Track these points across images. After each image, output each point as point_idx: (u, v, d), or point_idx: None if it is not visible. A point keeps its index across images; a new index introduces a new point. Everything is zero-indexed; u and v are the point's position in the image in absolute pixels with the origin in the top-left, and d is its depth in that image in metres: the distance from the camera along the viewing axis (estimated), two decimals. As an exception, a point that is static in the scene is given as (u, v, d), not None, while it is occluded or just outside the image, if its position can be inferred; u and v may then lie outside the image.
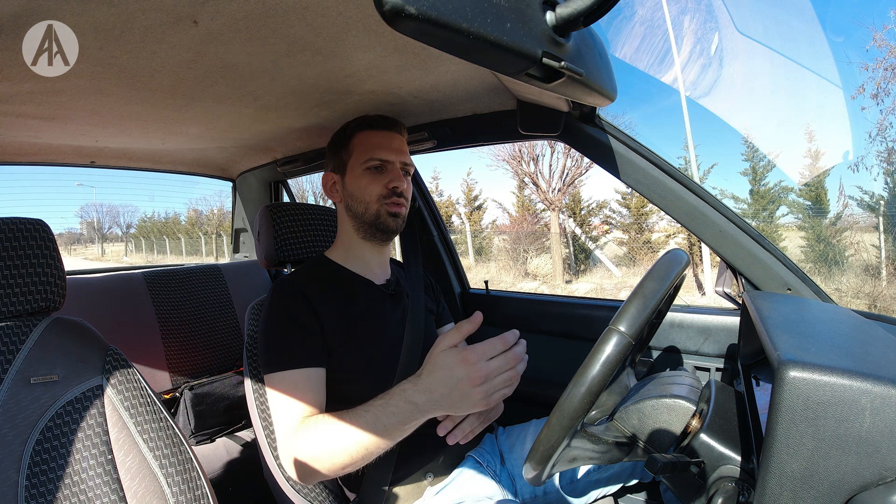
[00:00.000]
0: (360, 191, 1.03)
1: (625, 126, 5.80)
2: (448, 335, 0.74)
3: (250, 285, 1.96)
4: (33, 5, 0.62)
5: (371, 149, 1.03)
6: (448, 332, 0.75)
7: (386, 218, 1.03)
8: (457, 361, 0.71)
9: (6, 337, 0.76)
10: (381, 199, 1.02)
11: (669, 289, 0.70)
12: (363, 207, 1.03)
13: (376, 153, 1.02)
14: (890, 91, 7.96)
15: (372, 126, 1.05)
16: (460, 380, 0.70)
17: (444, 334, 0.75)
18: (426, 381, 0.73)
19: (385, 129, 1.05)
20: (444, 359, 0.72)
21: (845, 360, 0.53)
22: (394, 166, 1.04)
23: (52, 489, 0.71)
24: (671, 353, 1.22)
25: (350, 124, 1.07)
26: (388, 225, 1.03)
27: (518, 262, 11.37)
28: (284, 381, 0.88)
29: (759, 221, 9.26)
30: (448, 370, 0.71)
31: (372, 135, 1.04)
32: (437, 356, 0.74)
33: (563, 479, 1.04)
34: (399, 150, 1.05)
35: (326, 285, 1.01)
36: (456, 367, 0.71)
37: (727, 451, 0.65)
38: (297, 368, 0.89)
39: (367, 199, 1.02)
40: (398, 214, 1.04)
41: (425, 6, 0.35)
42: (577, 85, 0.59)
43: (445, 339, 0.74)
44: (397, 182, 1.02)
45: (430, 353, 0.75)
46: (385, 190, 1.02)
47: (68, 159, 1.69)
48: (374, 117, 1.07)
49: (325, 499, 0.95)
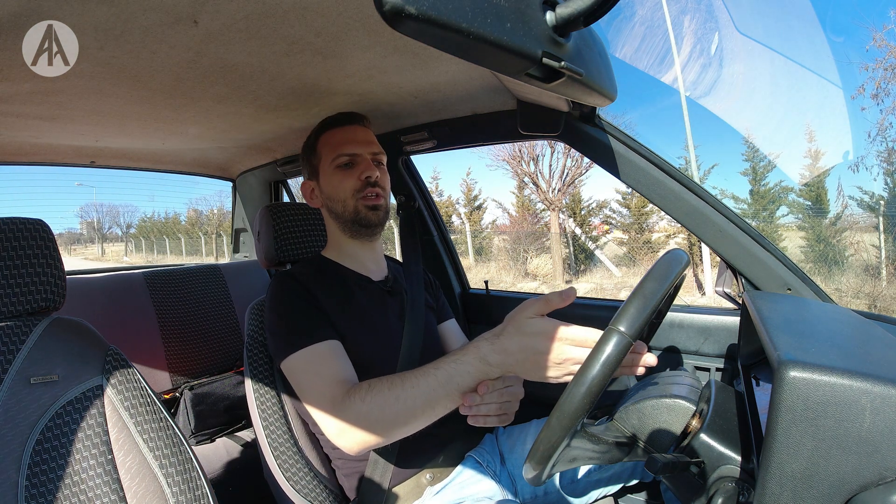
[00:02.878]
0: (335, 189, 1.02)
1: (625, 126, 5.79)
2: (536, 302, 0.69)
3: (250, 285, 1.96)
4: (33, 5, 0.62)
5: (336, 146, 1.03)
6: (536, 300, 0.70)
7: (365, 213, 1.02)
8: (544, 333, 0.67)
9: (6, 337, 0.76)
10: (356, 193, 1.01)
11: (669, 289, 0.70)
12: (341, 206, 1.03)
13: (342, 148, 1.02)
14: (890, 91, 7.96)
15: (334, 125, 1.05)
16: (542, 353, 0.67)
17: (531, 301, 0.70)
18: (505, 343, 0.70)
19: (347, 124, 1.05)
20: (533, 325, 0.68)
21: (845, 360, 0.53)
22: (363, 158, 1.03)
23: (52, 489, 0.71)
24: (671, 353, 1.22)
25: (314, 129, 1.07)
26: (368, 219, 1.02)
27: (518, 262, 11.37)
28: (311, 356, 0.87)
29: (759, 221, 9.26)
30: (533, 338, 0.68)
31: (335, 132, 1.04)
32: (523, 321, 0.69)
33: (564, 479, 1.04)
34: (365, 142, 1.04)
35: (325, 281, 1.01)
36: (541, 337, 0.67)
37: (727, 451, 0.65)
38: (319, 342, 0.88)
39: (342, 196, 1.02)
40: (377, 206, 1.03)
41: (425, 6, 0.35)
42: (577, 85, 0.59)
43: (533, 306, 0.69)
44: (369, 171, 1.01)
45: (515, 315, 0.70)
46: (359, 182, 1.01)
47: (68, 159, 1.69)
48: (335, 116, 1.07)
49: (326, 499, 0.95)
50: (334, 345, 0.90)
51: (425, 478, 0.97)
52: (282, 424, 0.97)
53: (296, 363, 0.88)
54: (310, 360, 0.87)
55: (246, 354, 1.02)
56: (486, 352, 0.71)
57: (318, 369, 0.86)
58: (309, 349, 0.87)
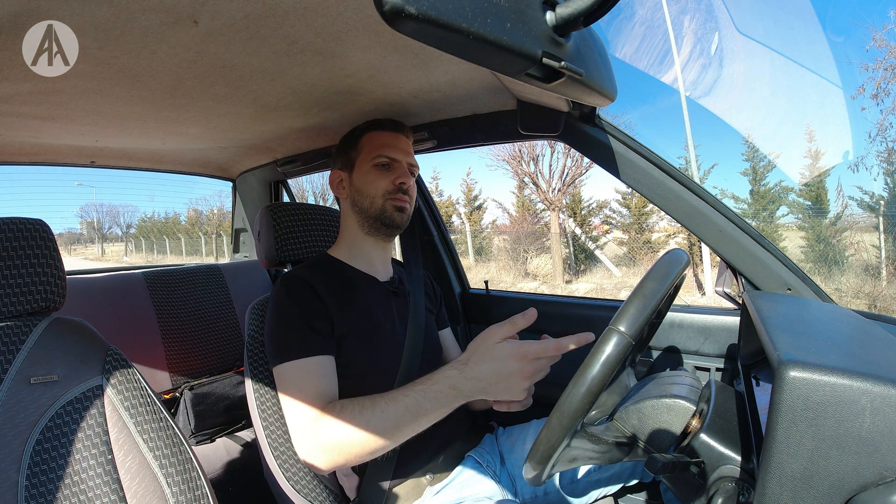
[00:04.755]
0: (368, 185, 1.05)
1: (625, 126, 5.79)
2: (502, 327, 0.74)
3: (250, 285, 1.96)
4: (33, 5, 0.62)
5: (380, 147, 1.06)
6: (501, 324, 0.75)
7: (392, 212, 1.05)
8: (513, 355, 0.72)
9: (6, 337, 0.76)
10: (387, 194, 1.05)
11: (669, 289, 0.70)
12: (369, 202, 1.05)
13: (385, 151, 1.06)
14: (890, 91, 7.96)
15: (381, 127, 1.10)
16: (512, 373, 0.72)
17: (497, 325, 0.75)
18: (475, 370, 0.74)
19: (393, 130, 1.10)
20: (500, 350, 0.73)
21: (845, 360, 0.53)
22: (401, 165, 1.07)
23: (52, 489, 0.71)
24: (671, 353, 1.22)
25: (360, 125, 1.12)
26: (393, 219, 1.06)
27: (518, 262, 11.37)
28: (297, 370, 0.88)
29: (759, 221, 9.26)
30: (501, 362, 0.72)
31: (381, 135, 1.09)
32: (490, 346, 0.74)
33: (564, 479, 1.04)
34: (406, 151, 1.09)
35: (332, 280, 1.01)
36: (510, 360, 0.72)
37: (727, 451, 0.65)
38: (309, 357, 0.89)
39: (373, 193, 1.05)
40: (403, 209, 1.07)
41: (425, 6, 0.35)
42: (577, 85, 0.59)
43: (499, 331, 0.74)
44: (404, 178, 1.06)
45: (481, 341, 0.75)
46: (392, 186, 1.05)
47: (68, 159, 1.69)
48: (384, 120, 1.11)
49: (326, 499, 0.95)
50: (323, 360, 0.90)
51: (425, 478, 0.97)
52: (282, 424, 0.97)
53: (282, 373, 0.90)
54: (296, 373, 0.88)
55: (246, 354, 1.02)
56: (457, 380, 0.75)
57: (301, 383, 0.87)
58: (297, 362, 0.88)
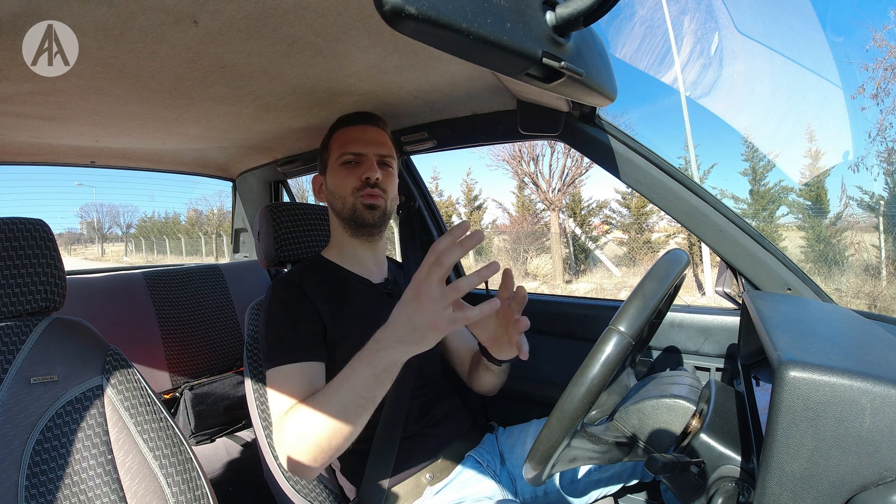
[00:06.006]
0: (337, 186, 1.03)
1: (625, 126, 5.81)
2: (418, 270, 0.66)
3: (250, 285, 1.96)
4: (33, 5, 0.62)
5: (344, 143, 1.03)
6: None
7: (362, 211, 1.01)
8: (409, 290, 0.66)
9: (6, 337, 0.76)
10: (356, 191, 1.01)
11: (669, 289, 0.70)
12: (341, 203, 1.03)
13: (349, 147, 1.03)
14: (890, 91, 7.97)
15: (347, 123, 1.06)
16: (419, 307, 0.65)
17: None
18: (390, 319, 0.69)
19: (360, 123, 1.06)
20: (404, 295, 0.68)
21: (845, 360, 0.53)
22: (367, 158, 1.03)
23: (52, 489, 0.71)
24: (671, 353, 1.22)
25: (331, 126, 1.09)
26: (364, 218, 1.02)
27: (518, 262, 11.37)
28: (281, 375, 0.88)
29: (759, 221, 9.26)
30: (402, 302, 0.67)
31: (347, 130, 1.05)
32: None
33: (564, 479, 1.04)
34: (374, 142, 1.04)
35: (325, 283, 1.01)
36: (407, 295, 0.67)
37: (727, 451, 0.65)
38: (294, 363, 0.88)
39: (343, 193, 1.02)
40: (375, 206, 1.02)
41: (425, 6, 0.35)
42: (577, 85, 0.59)
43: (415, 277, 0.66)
44: (369, 172, 1.00)
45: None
46: (359, 182, 1.01)
47: (68, 159, 1.69)
48: (351, 114, 1.07)
49: (326, 499, 0.95)
50: (308, 367, 0.89)
51: (425, 477, 0.97)
52: (282, 424, 0.97)
53: (268, 378, 0.89)
54: (282, 378, 0.87)
55: (246, 354, 1.02)
56: (379, 335, 0.70)
57: (285, 388, 0.86)
58: (282, 368, 0.88)
